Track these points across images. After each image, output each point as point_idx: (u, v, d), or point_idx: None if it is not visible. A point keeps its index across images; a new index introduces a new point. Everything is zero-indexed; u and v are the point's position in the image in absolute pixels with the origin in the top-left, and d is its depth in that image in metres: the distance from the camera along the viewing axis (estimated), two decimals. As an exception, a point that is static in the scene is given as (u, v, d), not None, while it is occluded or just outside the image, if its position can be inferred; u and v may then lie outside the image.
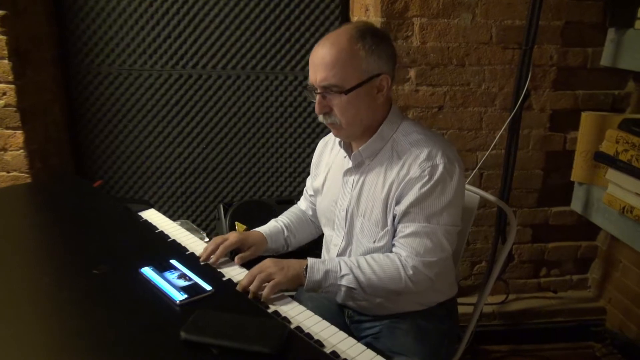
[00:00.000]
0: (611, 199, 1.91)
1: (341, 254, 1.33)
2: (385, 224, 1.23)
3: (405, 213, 1.18)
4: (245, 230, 2.08)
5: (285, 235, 1.46)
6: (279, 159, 2.39)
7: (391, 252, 1.23)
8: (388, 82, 1.21)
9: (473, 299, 1.92)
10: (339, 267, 1.18)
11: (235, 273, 1.22)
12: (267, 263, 1.15)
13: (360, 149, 1.26)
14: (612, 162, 1.89)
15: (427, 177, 1.16)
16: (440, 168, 1.17)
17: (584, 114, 2.10)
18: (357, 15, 2.10)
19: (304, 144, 2.38)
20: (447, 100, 2.10)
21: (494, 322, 2.31)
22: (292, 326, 1.00)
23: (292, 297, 1.15)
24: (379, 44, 1.18)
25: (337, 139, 1.35)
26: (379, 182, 1.24)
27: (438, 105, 2.10)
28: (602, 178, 2.00)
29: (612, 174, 1.91)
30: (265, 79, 2.26)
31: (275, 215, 1.52)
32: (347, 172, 1.30)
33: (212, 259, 1.24)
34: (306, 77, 2.27)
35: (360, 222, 1.27)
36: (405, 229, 1.19)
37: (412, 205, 1.17)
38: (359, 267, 1.18)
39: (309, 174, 1.53)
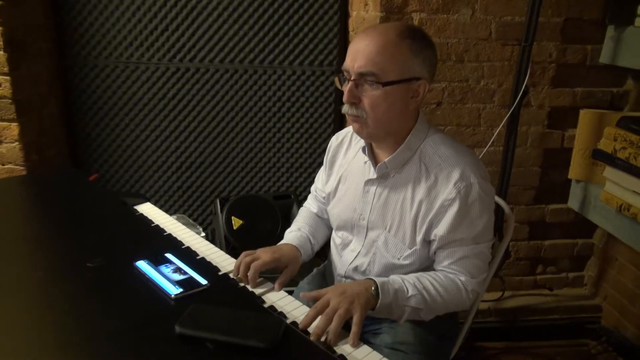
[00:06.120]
0: (609, 197, 1.91)
1: (356, 260, 1.27)
2: (413, 243, 1.18)
3: (449, 239, 1.14)
4: (242, 225, 2.08)
5: (312, 243, 1.37)
6: (276, 154, 2.38)
7: (419, 271, 1.19)
8: (425, 89, 1.13)
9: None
10: (404, 287, 1.11)
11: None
12: (329, 294, 1.03)
13: (386, 160, 1.18)
14: (610, 159, 1.89)
15: (464, 198, 1.11)
16: (476, 187, 1.12)
17: (582, 112, 2.10)
18: (357, 9, 2.09)
19: (302, 139, 2.37)
20: (446, 96, 2.09)
21: (490, 319, 2.31)
22: (288, 321, 0.99)
23: (289, 292, 1.14)
24: (427, 48, 1.11)
25: (359, 144, 1.27)
26: (406, 197, 1.17)
27: (436, 101, 2.09)
28: (599, 176, 2.00)
29: (610, 172, 1.91)
30: (263, 73, 2.25)
31: (273, 211, 1.48)
32: (370, 182, 1.23)
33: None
34: (304, 72, 2.27)
35: (385, 236, 1.21)
36: (453, 254, 1.15)
37: (454, 230, 1.13)
38: (424, 288, 1.13)
39: (306, 169, 1.50)
